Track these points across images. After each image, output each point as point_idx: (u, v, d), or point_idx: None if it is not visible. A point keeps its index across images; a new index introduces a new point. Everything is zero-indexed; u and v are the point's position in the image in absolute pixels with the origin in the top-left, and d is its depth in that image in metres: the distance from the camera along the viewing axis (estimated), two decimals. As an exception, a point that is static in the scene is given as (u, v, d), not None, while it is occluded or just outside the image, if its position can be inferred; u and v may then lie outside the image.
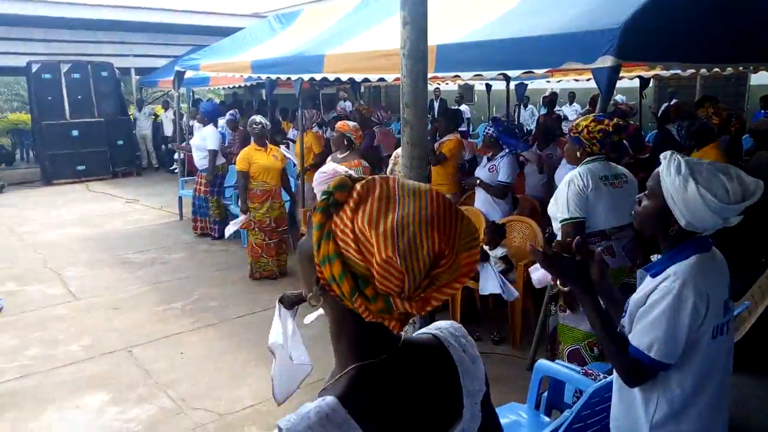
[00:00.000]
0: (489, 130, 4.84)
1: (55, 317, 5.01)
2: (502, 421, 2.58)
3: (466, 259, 0.80)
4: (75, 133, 12.08)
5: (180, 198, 8.59)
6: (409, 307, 0.79)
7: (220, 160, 7.50)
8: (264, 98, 14.30)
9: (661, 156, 1.64)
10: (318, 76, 5.56)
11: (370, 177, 0.84)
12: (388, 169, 5.61)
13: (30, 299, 5.42)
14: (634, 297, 1.67)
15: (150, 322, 4.88)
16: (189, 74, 8.48)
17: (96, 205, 9.87)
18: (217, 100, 14.26)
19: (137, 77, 14.51)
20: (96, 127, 12.38)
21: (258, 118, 5.81)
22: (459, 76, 5.53)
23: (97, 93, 12.45)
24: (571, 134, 3.09)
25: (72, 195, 10.87)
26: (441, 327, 1.00)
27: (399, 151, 4.53)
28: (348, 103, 12.88)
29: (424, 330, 1.00)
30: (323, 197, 0.83)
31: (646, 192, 1.69)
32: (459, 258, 0.80)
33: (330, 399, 0.83)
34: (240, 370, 4.02)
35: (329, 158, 5.24)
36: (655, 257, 1.72)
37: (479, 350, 1.04)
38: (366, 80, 5.41)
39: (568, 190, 2.93)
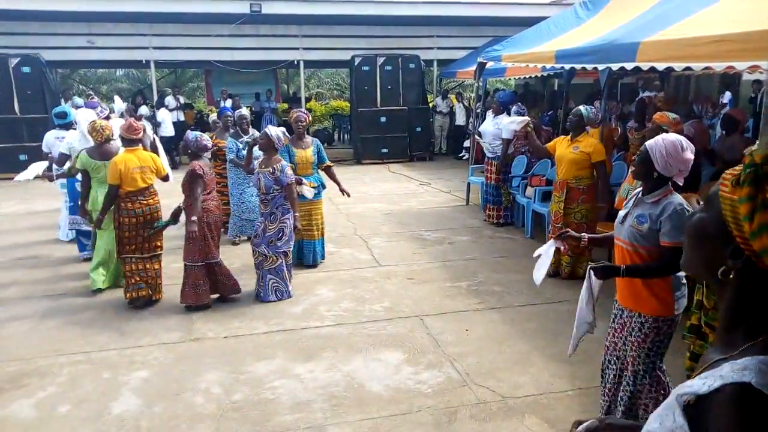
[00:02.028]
0: None
1: (362, 278, 5.78)
2: None
3: None
4: (383, 119, 13.63)
5: (468, 184, 9.02)
6: None
7: (509, 149, 7.64)
8: (555, 89, 14.04)
9: None
10: (629, 66, 5.21)
11: None
12: None
13: (344, 260, 6.35)
14: None
15: (439, 296, 5.28)
16: (487, 65, 8.79)
17: (395, 185, 11.02)
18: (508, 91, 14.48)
19: (438, 69, 15.62)
20: (400, 115, 13.76)
21: (580, 108, 5.54)
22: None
23: (404, 83, 13.81)
24: None
25: (376, 174, 12.32)
26: None
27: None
28: (647, 93, 11.80)
29: None
30: (748, 169, 0.84)
31: None
32: None
33: (764, 357, 0.84)
34: (522, 358, 4.09)
35: None
36: None
37: None
38: (688, 69, 4.86)
39: None
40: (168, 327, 4.72)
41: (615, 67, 5.44)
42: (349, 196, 6.26)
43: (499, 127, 7.43)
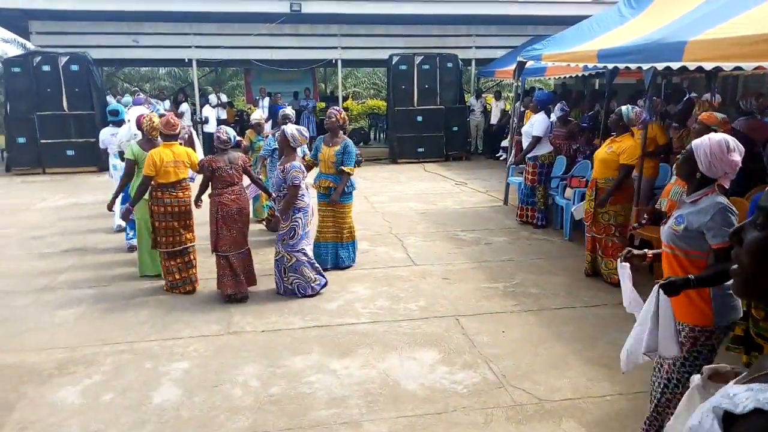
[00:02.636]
0: None
1: (397, 277, 5.79)
2: None
3: None
4: (419, 118, 13.61)
5: (507, 184, 8.94)
6: None
7: (547, 149, 7.54)
8: (596, 88, 13.77)
9: None
10: (675, 65, 5.08)
11: None
12: None
13: (379, 258, 6.37)
14: None
15: (475, 297, 5.25)
16: (526, 64, 8.69)
17: (430, 184, 10.99)
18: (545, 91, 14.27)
19: (476, 68, 15.51)
20: (436, 114, 13.71)
21: (622, 108, 5.42)
22: None
23: (441, 82, 13.74)
24: None
25: (411, 173, 12.30)
26: None
27: None
28: (695, 94, 11.47)
29: None
30: None
31: None
32: None
33: None
34: (559, 361, 4.03)
35: None
36: None
37: None
38: (738, 68, 4.71)
39: None
40: (207, 320, 4.83)
41: (660, 66, 5.30)
42: (333, 204, 5.74)
43: (532, 125, 7.41)
